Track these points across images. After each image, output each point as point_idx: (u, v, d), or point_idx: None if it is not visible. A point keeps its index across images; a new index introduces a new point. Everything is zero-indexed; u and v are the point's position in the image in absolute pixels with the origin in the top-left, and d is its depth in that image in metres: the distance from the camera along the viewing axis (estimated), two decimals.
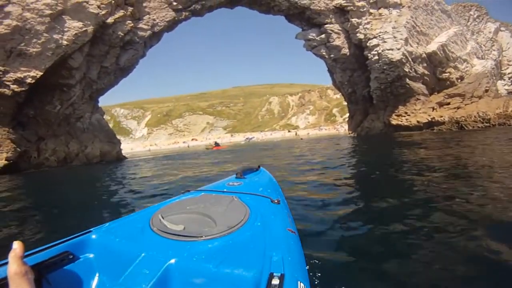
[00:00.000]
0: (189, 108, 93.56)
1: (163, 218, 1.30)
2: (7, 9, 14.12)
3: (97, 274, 1.18)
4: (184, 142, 68.13)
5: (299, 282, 0.87)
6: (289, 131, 68.92)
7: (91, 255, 1.21)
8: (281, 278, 0.86)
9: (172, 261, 1.01)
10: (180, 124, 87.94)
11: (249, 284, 0.91)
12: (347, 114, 35.22)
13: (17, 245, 0.75)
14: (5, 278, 0.73)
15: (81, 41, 16.74)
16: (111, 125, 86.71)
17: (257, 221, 1.29)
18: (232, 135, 75.59)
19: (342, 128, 54.22)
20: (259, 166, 2.61)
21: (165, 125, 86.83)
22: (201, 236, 1.14)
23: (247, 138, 60.65)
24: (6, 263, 0.75)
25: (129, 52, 22.41)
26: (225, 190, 1.85)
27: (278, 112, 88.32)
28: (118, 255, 1.14)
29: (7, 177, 11.99)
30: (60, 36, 15.75)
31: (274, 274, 0.88)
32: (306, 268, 1.10)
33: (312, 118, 78.20)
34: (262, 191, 1.80)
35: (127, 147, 67.28)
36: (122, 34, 20.51)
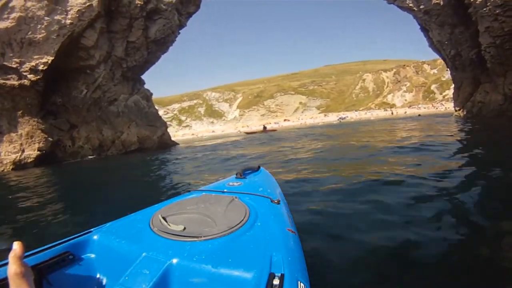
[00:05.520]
0: (280, 88, 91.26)
1: (163, 218, 1.27)
2: (11, 4, 14.12)
3: (97, 274, 1.17)
4: (275, 123, 66.53)
5: (299, 282, 0.88)
6: (385, 110, 63.14)
7: (92, 255, 1.21)
8: (281, 278, 0.86)
9: (173, 261, 1.00)
10: (272, 105, 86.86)
11: (249, 284, 0.88)
12: (446, 92, 25.45)
13: (17, 246, 0.74)
14: (6, 279, 0.74)
15: (87, 17, 15.52)
16: (203, 109, 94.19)
17: (257, 221, 1.27)
18: (325, 115, 70.62)
19: (442, 106, 50.46)
20: (259, 166, 2.48)
21: (256, 106, 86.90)
22: (201, 236, 1.12)
23: (339, 118, 56.11)
24: (7, 264, 0.75)
25: (158, 22, 20.43)
26: (225, 190, 1.81)
27: (373, 89, 79.48)
28: (119, 255, 1.13)
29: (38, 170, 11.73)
30: (63, 16, 14.89)
31: (275, 274, 0.89)
32: (306, 268, 1.07)
33: (409, 95, 70.46)
34: (262, 191, 1.76)
35: (219, 129, 71.24)
36: (141, 3, 18.54)
